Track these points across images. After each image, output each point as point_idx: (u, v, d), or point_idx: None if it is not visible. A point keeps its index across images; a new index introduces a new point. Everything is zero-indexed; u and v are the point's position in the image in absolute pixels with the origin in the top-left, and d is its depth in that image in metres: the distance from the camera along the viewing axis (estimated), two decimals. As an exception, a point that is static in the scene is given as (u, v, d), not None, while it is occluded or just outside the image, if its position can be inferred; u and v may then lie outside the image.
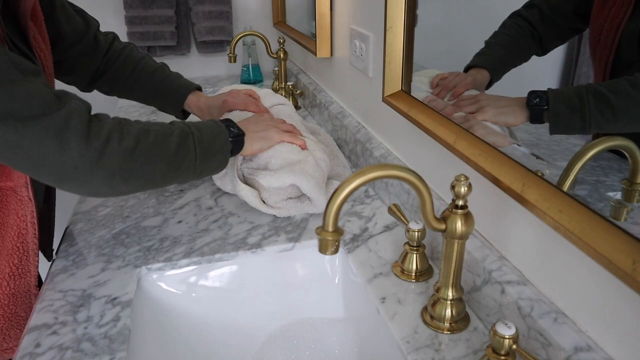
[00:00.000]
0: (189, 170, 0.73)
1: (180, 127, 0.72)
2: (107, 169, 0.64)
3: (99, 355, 0.61)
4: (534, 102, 0.51)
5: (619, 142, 0.46)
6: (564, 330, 0.51)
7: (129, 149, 0.65)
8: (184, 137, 0.71)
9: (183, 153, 0.71)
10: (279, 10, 1.74)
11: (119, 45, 1.02)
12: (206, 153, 0.74)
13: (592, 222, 0.46)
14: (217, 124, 0.79)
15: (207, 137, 0.74)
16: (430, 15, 0.77)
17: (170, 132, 0.70)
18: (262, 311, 0.81)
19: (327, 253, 0.53)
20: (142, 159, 0.67)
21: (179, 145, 0.70)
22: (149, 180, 0.69)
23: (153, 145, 0.68)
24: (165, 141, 0.69)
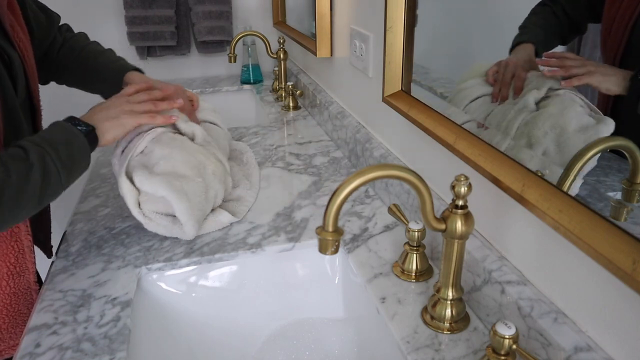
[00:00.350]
0: (57, 190, 0.69)
1: (35, 152, 0.66)
2: None
3: (99, 355, 0.61)
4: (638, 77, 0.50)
5: (619, 142, 0.46)
6: (564, 330, 0.51)
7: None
8: (42, 161, 0.66)
9: (47, 178, 0.66)
10: (279, 10, 1.75)
11: (68, 35, 1.00)
12: (69, 167, 0.69)
13: (592, 222, 0.46)
14: (66, 128, 0.72)
15: (63, 151, 0.69)
16: (430, 15, 0.77)
17: (30, 164, 0.64)
18: (262, 311, 0.81)
19: (327, 253, 0.53)
20: (11, 204, 0.63)
21: (42, 173, 0.65)
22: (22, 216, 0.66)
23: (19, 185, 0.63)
24: (29, 176, 0.64)
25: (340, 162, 1.13)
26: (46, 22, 0.95)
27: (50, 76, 1.00)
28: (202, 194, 0.83)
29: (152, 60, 1.82)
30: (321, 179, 1.05)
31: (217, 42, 1.80)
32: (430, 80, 0.79)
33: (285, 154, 1.19)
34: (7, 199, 0.61)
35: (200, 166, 0.85)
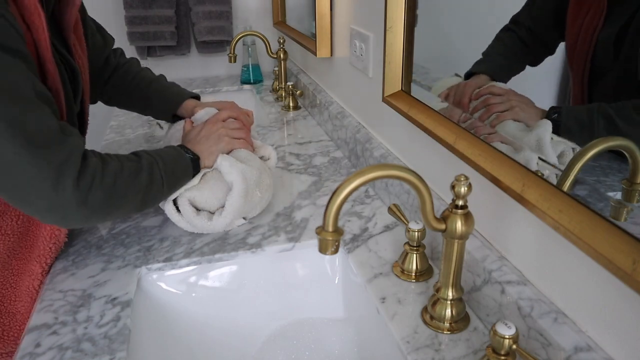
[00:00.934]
0: (158, 197, 0.76)
1: (146, 159, 0.74)
2: (89, 206, 0.65)
3: (99, 355, 0.61)
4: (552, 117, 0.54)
5: (619, 142, 0.46)
6: (564, 330, 0.51)
7: (109, 186, 0.67)
8: (151, 167, 0.74)
9: (152, 183, 0.73)
10: (279, 10, 1.75)
11: (123, 59, 1.05)
12: (171, 180, 0.77)
13: (592, 222, 0.46)
14: (175, 149, 0.81)
15: (170, 165, 0.77)
16: (430, 15, 0.77)
17: (140, 166, 0.72)
18: (262, 311, 0.81)
19: (327, 253, 0.53)
20: (120, 195, 0.69)
21: (149, 175, 0.73)
22: (124, 211, 0.72)
23: (129, 180, 0.70)
24: (138, 175, 0.71)
25: (340, 162, 1.13)
26: (102, 42, 0.99)
27: (100, 97, 1.05)
28: (253, 207, 0.87)
29: (152, 60, 1.82)
30: (321, 179, 1.05)
31: (217, 42, 1.80)
32: (430, 80, 0.79)
33: (285, 154, 1.19)
34: (117, 189, 0.68)
35: (265, 187, 0.88)
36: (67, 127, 0.65)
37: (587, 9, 0.47)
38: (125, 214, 0.73)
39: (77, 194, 0.63)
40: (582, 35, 0.47)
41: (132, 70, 1.05)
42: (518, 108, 0.59)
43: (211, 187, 0.82)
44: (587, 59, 0.47)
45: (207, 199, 0.82)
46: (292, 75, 1.68)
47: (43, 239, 0.75)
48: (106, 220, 0.71)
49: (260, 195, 0.87)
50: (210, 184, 0.82)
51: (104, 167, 0.67)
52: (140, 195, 0.72)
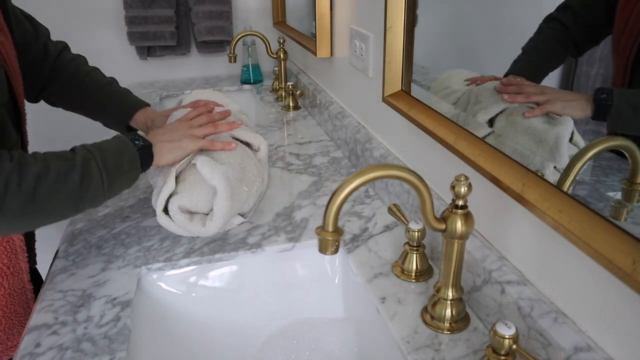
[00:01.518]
0: (97, 197, 0.69)
1: (82, 155, 0.68)
2: (7, 215, 0.60)
3: (99, 355, 0.61)
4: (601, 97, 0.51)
5: (619, 142, 0.46)
6: (564, 330, 0.51)
7: (29, 192, 0.61)
8: (86, 164, 0.67)
9: (88, 181, 0.67)
10: (279, 10, 1.75)
11: (67, 56, 0.98)
12: (113, 175, 0.70)
13: (592, 222, 0.46)
14: (121, 139, 0.74)
15: (111, 158, 0.70)
16: (430, 15, 0.77)
17: (72, 164, 0.66)
18: (262, 311, 0.81)
19: (327, 253, 0.53)
20: (44, 199, 0.63)
21: (83, 175, 0.66)
22: (55, 216, 0.66)
23: (55, 182, 0.64)
24: (68, 175, 0.65)
25: (340, 162, 1.13)
26: (33, 32, 0.92)
27: (45, 96, 0.98)
28: (243, 203, 0.85)
29: (152, 60, 1.82)
30: (321, 179, 1.05)
31: (217, 42, 1.80)
32: (430, 80, 0.79)
33: (285, 154, 1.19)
34: (41, 194, 0.62)
35: (252, 178, 0.87)
36: None
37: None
38: (59, 218, 0.67)
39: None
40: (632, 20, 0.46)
41: (82, 70, 0.97)
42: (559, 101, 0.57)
43: (198, 190, 0.80)
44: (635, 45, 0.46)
45: (197, 202, 0.80)
46: (292, 75, 1.68)
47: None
48: (37, 226, 0.66)
49: (247, 190, 0.84)
50: (197, 188, 0.80)
51: (21, 172, 0.61)
52: (72, 197, 0.65)
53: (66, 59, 0.97)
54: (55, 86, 0.96)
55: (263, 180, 0.93)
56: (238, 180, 0.83)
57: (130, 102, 0.99)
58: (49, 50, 0.94)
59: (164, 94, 1.68)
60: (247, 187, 0.85)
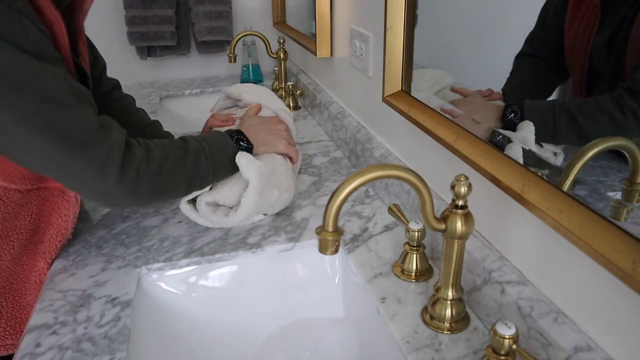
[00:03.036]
0: (204, 181, 0.80)
1: (192, 144, 0.78)
2: (138, 196, 0.70)
3: (99, 355, 0.61)
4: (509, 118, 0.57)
5: (619, 142, 0.46)
6: (564, 330, 0.51)
7: (155, 175, 0.71)
8: (197, 153, 0.77)
9: (197, 168, 0.77)
10: (279, 10, 1.75)
11: (119, 94, 1.02)
12: (217, 167, 0.80)
13: (592, 222, 0.46)
14: (225, 138, 0.84)
15: (216, 151, 0.80)
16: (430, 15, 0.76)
17: (186, 152, 0.76)
18: (262, 311, 0.81)
19: (327, 253, 0.53)
20: (165, 182, 0.73)
21: (194, 163, 0.77)
22: (170, 196, 0.78)
23: (174, 167, 0.74)
24: (182, 161, 0.75)
25: (340, 162, 1.13)
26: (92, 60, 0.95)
27: None
28: (270, 205, 0.87)
29: (152, 60, 1.82)
30: (321, 179, 1.05)
31: (217, 42, 1.80)
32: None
33: (285, 154, 1.19)
34: (164, 176, 0.73)
35: (284, 186, 0.89)
36: (107, 122, 0.69)
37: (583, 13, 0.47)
38: (173, 198, 0.79)
39: (124, 185, 0.68)
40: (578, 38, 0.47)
41: (131, 109, 1.02)
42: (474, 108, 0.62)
43: (230, 185, 0.83)
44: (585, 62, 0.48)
45: (225, 197, 0.83)
46: (292, 75, 1.68)
47: (50, 236, 0.77)
48: (156, 202, 0.81)
49: (278, 194, 0.87)
50: (229, 182, 0.84)
51: (148, 157, 0.71)
52: (187, 181, 0.76)
53: (117, 96, 1.02)
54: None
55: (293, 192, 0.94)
56: (272, 182, 0.86)
57: None
58: (102, 82, 0.99)
59: (164, 94, 1.68)
60: (278, 192, 0.87)
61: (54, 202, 0.77)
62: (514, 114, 0.56)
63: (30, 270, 0.77)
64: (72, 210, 0.79)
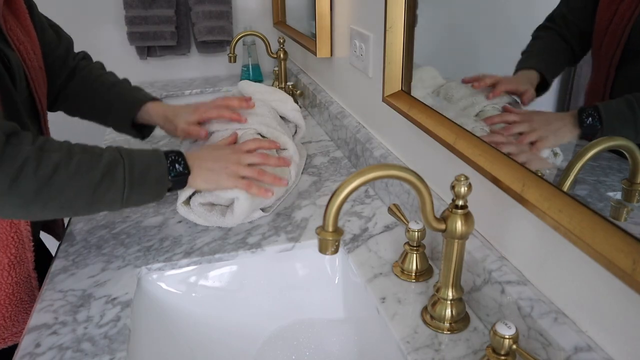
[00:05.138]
0: (114, 202, 0.69)
1: (111, 156, 0.68)
2: (19, 197, 0.61)
3: (99, 355, 0.61)
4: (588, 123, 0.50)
5: (619, 142, 0.46)
6: (564, 330, 0.51)
7: (45, 177, 0.62)
8: (113, 166, 0.67)
9: (108, 183, 0.67)
10: (279, 10, 1.75)
11: (84, 63, 0.98)
12: (136, 187, 0.69)
13: (592, 222, 0.46)
14: (157, 155, 0.73)
15: (139, 171, 0.69)
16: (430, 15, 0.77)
17: (97, 161, 0.66)
18: (262, 311, 0.81)
19: (327, 253, 0.53)
20: (59, 189, 0.64)
21: (104, 175, 0.66)
22: (68, 208, 0.67)
23: (74, 174, 0.64)
24: (89, 171, 0.65)
25: (340, 162, 1.13)
26: (56, 39, 0.94)
27: (60, 104, 0.98)
28: (263, 199, 0.86)
29: (152, 60, 1.82)
30: (321, 179, 1.05)
31: (217, 42, 1.80)
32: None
33: (285, 154, 1.19)
34: (57, 182, 0.63)
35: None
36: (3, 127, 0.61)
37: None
38: (72, 212, 0.68)
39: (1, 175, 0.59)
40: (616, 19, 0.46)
41: (93, 74, 0.96)
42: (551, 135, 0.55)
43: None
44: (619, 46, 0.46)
45: (216, 196, 0.83)
46: (292, 75, 1.68)
47: (3, 229, 0.74)
48: (54, 216, 0.67)
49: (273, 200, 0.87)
50: None
51: (42, 156, 0.62)
52: (88, 195, 0.66)
53: (82, 65, 0.98)
54: (68, 91, 0.96)
55: (291, 178, 0.95)
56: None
57: (137, 96, 0.95)
58: (69, 57, 0.96)
59: (164, 94, 1.68)
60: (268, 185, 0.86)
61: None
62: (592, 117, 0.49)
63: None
64: None
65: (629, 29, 0.45)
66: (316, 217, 0.90)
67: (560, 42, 0.54)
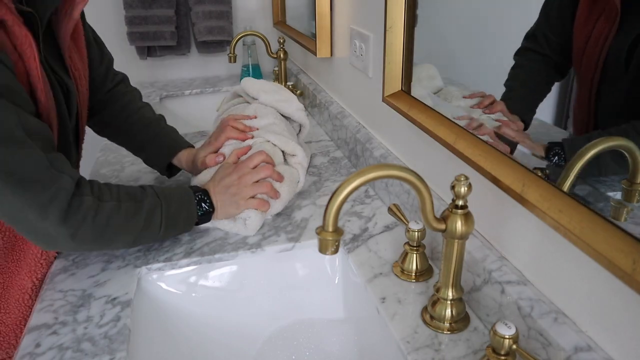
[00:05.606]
0: (153, 238, 0.78)
1: (151, 200, 0.74)
2: (78, 243, 0.67)
3: (99, 355, 0.61)
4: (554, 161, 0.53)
5: (619, 142, 0.46)
6: (564, 330, 0.51)
7: (101, 226, 0.68)
8: (152, 210, 0.74)
9: (149, 226, 0.74)
10: (279, 10, 1.74)
11: (123, 88, 1.01)
12: (171, 226, 0.77)
13: (592, 222, 0.46)
14: (189, 196, 0.80)
15: (174, 210, 0.77)
16: (430, 15, 0.77)
17: (140, 207, 0.73)
18: (262, 311, 0.81)
19: (327, 253, 0.53)
20: (111, 234, 0.70)
21: (147, 220, 0.73)
22: (114, 247, 0.76)
23: (124, 221, 0.71)
24: (134, 216, 0.72)
25: (340, 162, 1.13)
26: (99, 57, 0.96)
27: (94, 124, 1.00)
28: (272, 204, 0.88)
29: (152, 60, 1.82)
30: (321, 179, 1.05)
31: (217, 42, 1.80)
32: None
33: (285, 154, 1.19)
34: (109, 230, 0.69)
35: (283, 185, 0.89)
36: (57, 161, 0.65)
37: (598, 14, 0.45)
38: (114, 248, 0.78)
39: (64, 230, 0.65)
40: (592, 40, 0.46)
41: (133, 106, 1.00)
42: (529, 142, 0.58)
43: None
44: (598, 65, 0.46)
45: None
46: (292, 75, 1.68)
47: (33, 255, 0.76)
48: (99, 249, 0.78)
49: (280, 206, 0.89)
50: None
51: (99, 207, 0.68)
52: (133, 236, 0.73)
53: (122, 91, 1.00)
54: (105, 114, 0.98)
55: (299, 182, 0.96)
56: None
57: (176, 142, 1.00)
58: (108, 77, 0.98)
59: (164, 94, 1.68)
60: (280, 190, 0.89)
61: None
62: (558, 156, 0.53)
63: (10, 290, 0.75)
64: None
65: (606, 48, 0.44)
66: (316, 217, 0.90)
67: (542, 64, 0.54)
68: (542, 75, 0.56)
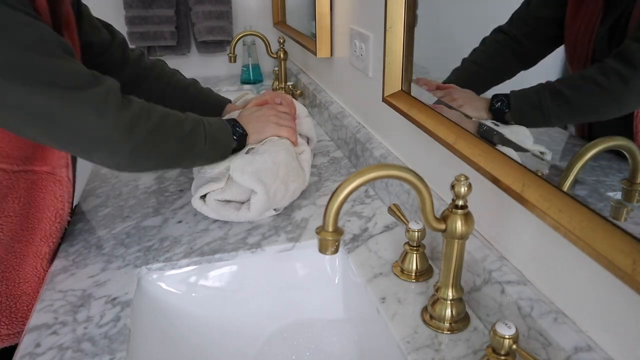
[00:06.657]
0: (198, 154, 0.81)
1: (193, 116, 0.80)
2: (134, 141, 0.70)
3: (99, 355, 0.61)
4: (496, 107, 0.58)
5: (619, 142, 0.46)
6: (564, 330, 0.51)
7: (154, 126, 0.72)
8: (197, 124, 0.79)
9: (195, 137, 0.79)
10: (279, 10, 1.75)
11: (148, 61, 1.05)
12: (214, 142, 0.82)
13: (592, 222, 0.46)
14: (224, 121, 0.88)
15: (215, 128, 0.83)
16: (430, 15, 0.77)
17: (185, 118, 0.79)
18: (262, 311, 0.81)
19: (327, 253, 0.53)
20: (162, 137, 0.74)
21: (192, 130, 0.78)
22: (165, 157, 0.77)
23: (172, 126, 0.75)
24: (181, 125, 0.77)
25: (340, 162, 1.13)
26: (109, 38, 0.99)
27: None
28: (279, 200, 0.88)
29: (152, 60, 1.82)
30: (321, 179, 1.05)
31: (217, 42, 1.80)
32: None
33: (285, 154, 1.18)
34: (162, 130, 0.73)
35: (290, 177, 0.90)
36: (98, 74, 0.69)
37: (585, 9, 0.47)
38: (167, 160, 0.77)
39: (122, 124, 0.67)
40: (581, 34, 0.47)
41: (166, 73, 1.05)
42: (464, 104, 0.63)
43: (237, 186, 0.85)
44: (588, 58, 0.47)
45: (237, 194, 0.86)
46: (292, 75, 1.68)
47: (47, 219, 0.77)
48: (150, 163, 0.76)
49: (284, 189, 0.88)
50: (236, 185, 0.85)
51: (150, 107, 0.73)
52: (182, 144, 0.77)
53: (148, 63, 1.04)
54: (141, 89, 1.01)
55: (304, 180, 0.96)
56: (275, 180, 0.87)
57: (218, 101, 1.08)
58: (127, 55, 1.01)
59: (164, 94, 1.68)
60: (284, 186, 0.88)
61: (44, 185, 0.76)
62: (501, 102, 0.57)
63: (26, 258, 0.76)
64: (66, 190, 0.79)
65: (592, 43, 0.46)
66: (316, 217, 0.90)
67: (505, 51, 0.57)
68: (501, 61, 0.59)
